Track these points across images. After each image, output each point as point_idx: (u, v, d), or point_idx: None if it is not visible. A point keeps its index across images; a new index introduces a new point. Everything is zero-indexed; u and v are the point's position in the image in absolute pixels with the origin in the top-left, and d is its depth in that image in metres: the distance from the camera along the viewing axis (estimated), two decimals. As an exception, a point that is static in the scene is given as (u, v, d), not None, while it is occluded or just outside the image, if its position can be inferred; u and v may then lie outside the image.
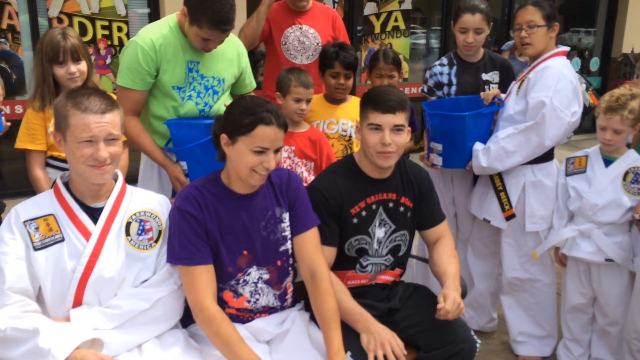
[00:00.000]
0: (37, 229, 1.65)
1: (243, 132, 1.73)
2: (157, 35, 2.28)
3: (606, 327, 2.59)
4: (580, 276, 2.59)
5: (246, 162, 1.74)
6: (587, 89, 6.09)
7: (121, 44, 5.08)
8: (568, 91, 2.48)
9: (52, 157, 2.43)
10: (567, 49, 2.62)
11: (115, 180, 1.81)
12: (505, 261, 2.76)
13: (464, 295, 2.17)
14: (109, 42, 5.05)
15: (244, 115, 1.73)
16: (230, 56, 2.49)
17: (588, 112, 2.56)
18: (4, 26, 4.66)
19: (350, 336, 1.85)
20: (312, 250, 1.88)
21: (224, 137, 1.78)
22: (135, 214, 1.77)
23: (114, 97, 1.82)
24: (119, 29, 5.06)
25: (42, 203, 1.71)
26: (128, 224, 1.75)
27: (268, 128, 1.72)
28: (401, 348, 1.80)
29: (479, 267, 2.98)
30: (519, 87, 2.61)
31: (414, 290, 2.15)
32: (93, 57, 5.00)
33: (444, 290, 1.90)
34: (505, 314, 2.86)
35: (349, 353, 1.80)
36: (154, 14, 5.12)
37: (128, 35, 5.08)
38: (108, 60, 5.08)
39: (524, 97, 2.55)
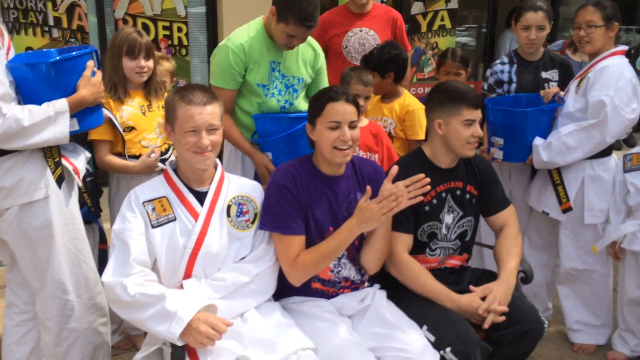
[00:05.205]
0: (153, 209, 1.86)
1: (317, 113, 1.98)
2: (245, 38, 2.49)
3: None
4: (638, 270, 2.67)
5: (326, 139, 1.96)
6: None
7: (180, 43, 5.31)
8: (628, 89, 2.58)
9: (119, 154, 2.48)
10: (626, 48, 2.71)
11: (216, 168, 2.01)
12: (563, 252, 2.86)
13: (528, 280, 2.31)
14: (169, 42, 5.28)
15: (316, 100, 2.01)
16: (309, 58, 2.68)
17: None
18: (74, 27, 4.94)
19: (425, 309, 2.02)
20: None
21: (308, 127, 2.03)
22: (234, 198, 1.97)
23: None
24: (179, 29, 5.29)
25: (156, 186, 1.93)
26: (228, 207, 1.95)
27: (336, 104, 1.95)
28: (484, 307, 2.02)
29: (535, 258, 3.07)
30: (577, 85, 2.71)
31: (482, 275, 2.28)
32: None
33: (490, 285, 2.09)
34: (562, 303, 2.96)
35: (425, 327, 1.97)
36: (211, 14, 5.34)
37: (187, 36, 5.31)
38: (169, 60, 5.32)
39: (584, 95, 2.65)
